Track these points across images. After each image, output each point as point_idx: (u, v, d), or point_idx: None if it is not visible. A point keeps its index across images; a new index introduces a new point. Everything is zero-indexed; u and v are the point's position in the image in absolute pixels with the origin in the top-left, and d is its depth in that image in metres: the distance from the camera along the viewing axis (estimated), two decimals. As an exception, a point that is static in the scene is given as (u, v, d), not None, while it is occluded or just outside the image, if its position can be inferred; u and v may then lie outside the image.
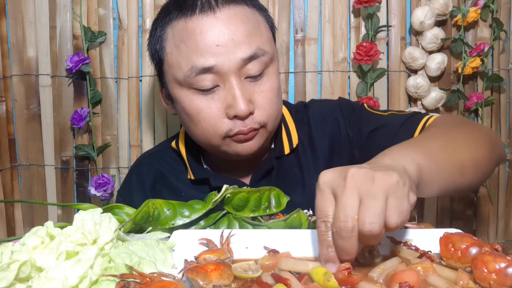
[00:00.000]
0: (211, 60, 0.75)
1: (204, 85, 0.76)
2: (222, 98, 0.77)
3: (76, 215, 0.49)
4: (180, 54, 0.77)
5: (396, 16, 1.28)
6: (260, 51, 0.77)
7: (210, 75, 0.75)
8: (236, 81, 0.76)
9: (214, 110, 0.77)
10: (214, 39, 0.75)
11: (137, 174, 0.98)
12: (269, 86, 0.79)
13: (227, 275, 0.46)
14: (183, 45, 0.76)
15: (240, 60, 0.75)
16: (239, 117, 0.76)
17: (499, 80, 1.28)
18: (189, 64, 0.76)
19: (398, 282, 0.44)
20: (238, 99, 0.75)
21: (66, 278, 0.42)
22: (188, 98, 0.79)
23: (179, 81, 0.78)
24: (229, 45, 0.75)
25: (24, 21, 1.25)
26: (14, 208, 1.33)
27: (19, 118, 1.29)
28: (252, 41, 0.77)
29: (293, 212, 0.64)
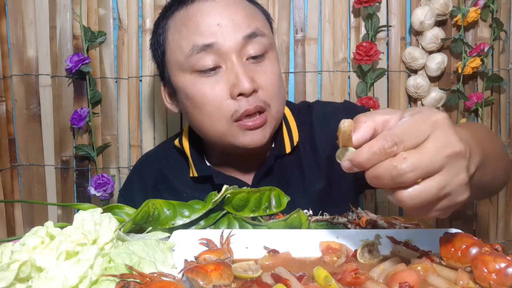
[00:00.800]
0: (211, 38, 0.76)
1: (205, 64, 0.76)
2: (225, 79, 0.77)
3: (76, 215, 0.49)
4: (181, 37, 0.79)
5: (396, 16, 1.28)
6: (259, 31, 0.79)
7: (211, 56, 0.76)
8: (237, 60, 0.77)
9: (217, 92, 0.77)
10: (215, 19, 0.77)
11: (139, 175, 0.98)
12: (271, 69, 0.80)
13: (227, 275, 0.46)
14: (184, 29, 0.79)
15: (241, 38, 0.77)
16: (244, 95, 0.76)
17: (499, 80, 1.28)
18: (190, 44, 0.77)
19: (398, 282, 0.44)
20: (241, 77, 0.75)
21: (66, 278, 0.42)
22: (191, 82, 0.79)
23: (181, 64, 0.79)
24: (229, 25, 0.77)
25: (24, 21, 1.25)
26: (14, 208, 1.33)
27: (19, 118, 1.29)
28: (251, 22, 0.79)
29: (293, 212, 0.64)
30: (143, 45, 1.27)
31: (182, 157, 0.94)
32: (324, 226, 0.67)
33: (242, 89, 0.75)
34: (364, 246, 0.55)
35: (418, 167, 0.42)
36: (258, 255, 0.55)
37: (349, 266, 0.48)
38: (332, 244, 0.57)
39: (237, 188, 0.66)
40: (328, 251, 0.55)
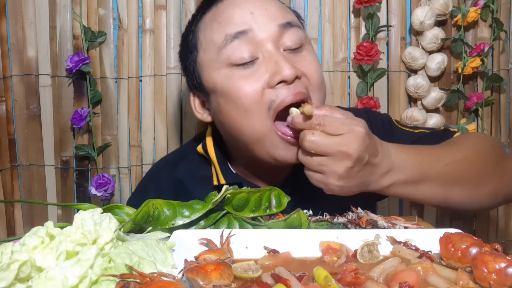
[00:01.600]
0: (245, 26, 0.72)
1: (241, 56, 0.71)
2: (263, 68, 0.71)
3: (76, 215, 0.49)
4: (213, 31, 0.75)
5: (396, 16, 1.28)
6: (295, 22, 0.76)
7: (246, 46, 0.71)
8: (275, 49, 0.72)
9: (255, 84, 0.71)
10: (247, 8, 0.73)
11: (155, 184, 0.92)
12: (313, 57, 0.76)
13: (227, 275, 0.46)
14: (215, 23, 0.75)
15: (276, 26, 0.73)
16: (286, 82, 0.70)
17: (499, 80, 1.28)
18: (222, 34, 0.73)
19: (398, 282, 0.44)
20: (282, 62, 0.70)
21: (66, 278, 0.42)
22: (226, 76, 0.73)
23: (215, 59, 0.74)
24: (263, 14, 0.73)
25: (24, 21, 1.25)
26: (14, 208, 1.33)
27: (19, 118, 1.29)
28: (286, 13, 0.76)
29: (293, 212, 0.64)
30: (143, 45, 1.27)
31: (205, 164, 0.88)
32: (324, 226, 0.67)
33: (283, 75, 0.69)
34: (364, 246, 0.55)
35: (315, 142, 0.64)
36: (258, 255, 0.55)
37: (349, 266, 0.48)
38: (332, 244, 0.57)
39: (237, 188, 0.66)
40: (328, 251, 0.55)
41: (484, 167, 0.76)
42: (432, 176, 0.71)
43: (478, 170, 0.75)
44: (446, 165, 0.72)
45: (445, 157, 0.73)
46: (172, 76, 1.27)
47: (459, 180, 0.73)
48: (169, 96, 1.28)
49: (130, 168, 1.30)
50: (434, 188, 0.71)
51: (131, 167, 1.30)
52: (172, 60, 1.27)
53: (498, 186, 0.76)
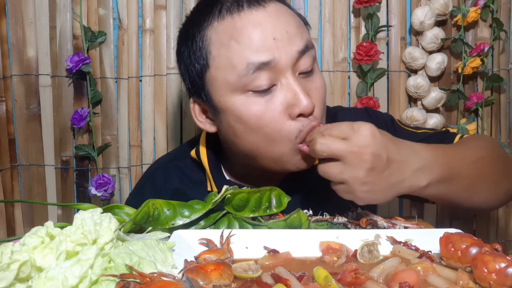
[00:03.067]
0: (268, 55, 0.69)
1: (260, 84, 0.69)
2: (280, 98, 0.70)
3: (76, 215, 0.49)
4: (231, 53, 0.70)
5: (396, 16, 1.28)
6: (310, 44, 0.74)
7: (266, 73, 0.69)
8: (293, 77, 0.71)
9: (275, 113, 0.70)
10: (269, 32, 0.69)
11: (152, 186, 0.91)
12: (321, 83, 0.76)
13: (227, 275, 0.46)
14: (234, 43, 0.70)
15: (296, 53, 0.71)
16: (304, 115, 0.70)
17: (499, 80, 1.28)
18: (244, 61, 0.69)
19: (398, 282, 0.44)
20: (300, 95, 0.69)
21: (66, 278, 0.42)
22: (243, 104, 0.71)
23: (232, 84, 0.71)
24: (284, 38, 0.70)
25: (24, 21, 1.25)
26: (14, 208, 1.33)
27: (19, 118, 1.29)
28: (302, 32, 0.74)
29: (293, 212, 0.64)
30: (143, 45, 1.27)
31: (199, 168, 0.88)
32: (324, 226, 0.67)
33: (302, 109, 0.69)
34: (364, 246, 0.55)
35: (325, 144, 0.61)
36: (258, 255, 0.55)
37: (349, 266, 0.48)
38: (332, 244, 0.57)
39: (237, 188, 0.66)
40: (328, 251, 0.55)
41: (499, 166, 0.77)
42: (460, 174, 0.68)
43: (495, 169, 0.75)
44: (471, 163, 0.71)
45: (468, 156, 0.72)
46: (172, 76, 1.27)
47: (482, 178, 0.72)
48: (169, 96, 1.28)
49: (130, 168, 1.30)
50: (463, 186, 0.69)
51: (131, 167, 1.30)
52: (172, 60, 1.27)
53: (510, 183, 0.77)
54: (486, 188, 0.74)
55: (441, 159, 0.66)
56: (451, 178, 0.67)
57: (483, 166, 0.73)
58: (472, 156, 0.73)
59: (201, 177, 0.88)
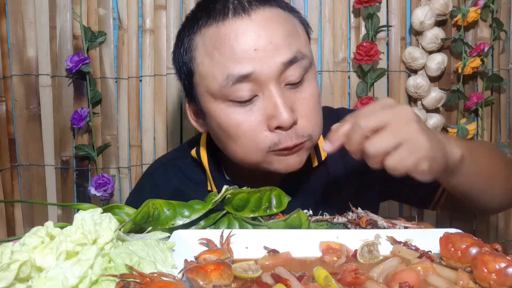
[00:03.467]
0: (248, 67, 0.68)
1: (241, 95, 0.69)
2: (261, 109, 0.70)
3: (76, 215, 0.49)
4: (213, 63, 0.70)
5: (396, 16, 1.28)
6: (300, 54, 0.71)
7: (247, 84, 0.69)
8: (276, 89, 0.69)
9: (254, 123, 0.70)
10: (251, 43, 0.68)
11: (152, 186, 0.91)
12: (311, 92, 0.73)
13: (227, 275, 0.46)
14: (216, 53, 0.70)
15: (280, 64, 0.69)
16: (283, 128, 0.70)
17: (499, 80, 1.28)
18: (225, 73, 0.69)
19: (398, 282, 0.44)
20: (280, 108, 0.68)
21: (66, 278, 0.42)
22: (224, 112, 0.72)
23: (213, 93, 0.71)
24: (267, 49, 0.68)
25: (24, 21, 1.25)
26: (14, 208, 1.33)
27: (19, 118, 1.29)
28: (291, 43, 0.70)
29: (293, 212, 0.64)
30: (143, 45, 1.27)
31: (199, 168, 0.88)
32: (324, 226, 0.67)
33: (280, 122, 0.68)
34: (364, 246, 0.55)
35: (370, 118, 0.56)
36: (258, 255, 0.55)
37: (349, 266, 0.48)
38: (332, 244, 0.57)
39: (237, 188, 0.66)
40: (328, 251, 0.55)
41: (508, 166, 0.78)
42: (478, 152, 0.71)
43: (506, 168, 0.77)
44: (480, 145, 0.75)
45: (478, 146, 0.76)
46: (172, 76, 1.27)
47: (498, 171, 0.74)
48: (169, 96, 1.28)
49: (130, 168, 1.30)
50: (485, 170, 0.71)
51: (131, 167, 1.30)
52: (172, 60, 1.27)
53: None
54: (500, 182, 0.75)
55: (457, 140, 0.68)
56: (475, 159, 0.68)
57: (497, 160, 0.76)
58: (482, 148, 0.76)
59: (201, 177, 0.88)
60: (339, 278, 0.46)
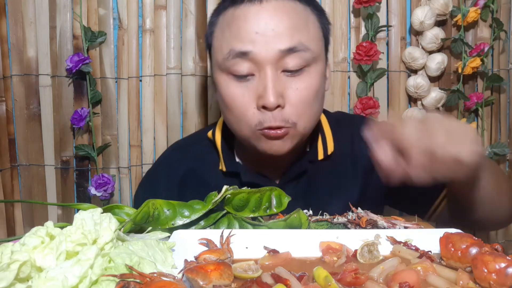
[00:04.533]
0: (248, 46, 0.75)
1: (239, 70, 0.77)
2: (254, 87, 0.77)
3: (76, 215, 0.49)
4: (223, 38, 0.79)
5: (396, 16, 1.28)
6: (301, 46, 0.76)
7: (246, 62, 0.76)
8: (271, 72, 0.75)
9: (246, 99, 0.77)
10: (255, 26, 0.75)
11: (166, 168, 0.96)
12: (306, 85, 0.78)
13: (227, 275, 0.46)
14: (227, 30, 0.79)
15: (278, 51, 0.75)
16: (267, 109, 0.75)
17: (499, 80, 1.28)
18: (229, 47, 0.77)
19: (398, 282, 0.44)
20: (268, 90, 0.74)
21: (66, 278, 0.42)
22: (225, 83, 0.80)
23: (219, 64, 0.80)
24: (268, 34, 0.75)
25: (24, 21, 1.25)
26: (14, 208, 1.33)
27: (19, 118, 1.29)
28: (294, 34, 0.76)
29: (293, 212, 0.64)
30: (143, 45, 1.27)
31: (213, 149, 0.94)
32: (324, 226, 0.67)
33: (266, 102, 0.74)
34: (364, 246, 0.55)
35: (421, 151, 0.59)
36: (258, 255, 0.55)
37: (349, 266, 0.48)
38: (332, 244, 0.57)
39: (237, 188, 0.66)
40: (328, 251, 0.55)
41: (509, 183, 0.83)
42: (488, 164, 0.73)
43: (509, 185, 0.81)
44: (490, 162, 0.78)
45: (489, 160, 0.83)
46: (172, 76, 1.27)
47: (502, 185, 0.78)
48: (169, 96, 1.28)
49: (130, 168, 1.30)
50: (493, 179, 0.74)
51: (131, 167, 1.30)
52: (172, 60, 1.27)
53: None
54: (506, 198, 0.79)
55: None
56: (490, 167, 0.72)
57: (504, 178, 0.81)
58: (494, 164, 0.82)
59: (214, 158, 0.92)
60: (339, 278, 0.46)
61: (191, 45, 1.27)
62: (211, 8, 1.26)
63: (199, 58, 1.28)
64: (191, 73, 1.28)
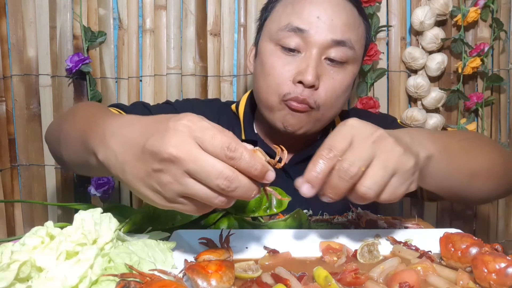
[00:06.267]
0: (305, 26, 0.81)
1: (288, 42, 0.82)
2: (297, 63, 0.82)
3: (76, 215, 0.49)
4: (284, 13, 0.85)
5: (396, 16, 1.28)
6: (349, 43, 0.83)
7: (297, 38, 0.82)
8: (316, 55, 0.81)
9: (285, 72, 0.82)
10: (318, 12, 0.82)
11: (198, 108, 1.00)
12: (341, 78, 0.84)
13: (227, 277, 0.45)
14: (290, 6, 0.85)
15: (330, 39, 0.81)
16: (303, 85, 0.81)
17: (499, 80, 1.28)
18: (287, 20, 0.83)
19: (398, 282, 0.44)
20: (310, 69, 0.80)
21: (66, 278, 0.42)
22: (270, 52, 0.85)
23: (271, 34, 0.86)
24: (326, 22, 0.81)
25: (24, 21, 1.25)
26: (14, 208, 1.33)
27: (19, 118, 1.29)
28: (347, 31, 0.83)
29: (293, 212, 0.64)
30: (143, 45, 1.27)
31: (236, 120, 1.00)
32: (324, 226, 0.67)
33: (303, 78, 0.80)
34: (364, 246, 0.55)
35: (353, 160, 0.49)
36: (258, 255, 0.55)
37: (349, 266, 0.48)
38: (332, 244, 0.57)
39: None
40: (328, 251, 0.55)
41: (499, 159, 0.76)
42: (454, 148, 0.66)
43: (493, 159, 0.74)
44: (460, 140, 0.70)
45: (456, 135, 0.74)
46: (172, 76, 1.27)
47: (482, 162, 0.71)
48: (169, 96, 1.28)
49: (130, 168, 1.30)
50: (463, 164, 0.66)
51: (131, 167, 1.30)
52: (172, 60, 1.27)
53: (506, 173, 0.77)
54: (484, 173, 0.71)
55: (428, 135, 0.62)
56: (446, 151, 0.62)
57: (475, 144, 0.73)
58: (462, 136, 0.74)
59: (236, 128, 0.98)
60: (339, 278, 0.46)
61: (191, 45, 1.27)
62: (211, 8, 1.26)
63: (199, 58, 1.28)
64: (191, 73, 1.28)
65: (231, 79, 1.29)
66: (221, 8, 1.27)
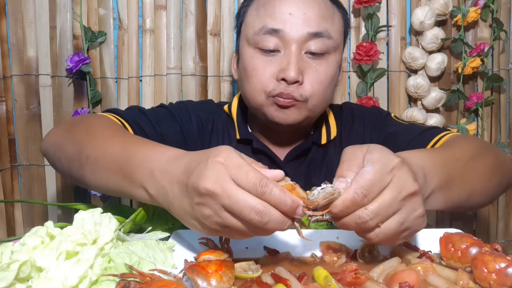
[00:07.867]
0: (280, 25, 0.82)
1: (267, 45, 0.83)
2: (278, 62, 0.83)
3: (76, 215, 0.49)
4: (257, 16, 0.86)
5: (396, 16, 1.28)
6: (326, 33, 0.83)
7: (274, 38, 0.83)
8: (296, 51, 0.82)
9: (267, 71, 0.83)
10: (289, 8, 0.83)
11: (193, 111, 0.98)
12: (325, 69, 0.84)
13: (227, 278, 0.45)
14: (262, 9, 0.86)
15: (306, 33, 0.82)
16: (286, 82, 0.81)
17: (499, 80, 1.28)
18: (262, 24, 0.84)
19: (398, 282, 0.44)
20: (291, 66, 0.81)
21: (66, 278, 0.42)
22: (250, 55, 0.86)
23: (248, 38, 0.87)
24: (300, 17, 0.82)
25: (24, 21, 1.25)
26: (14, 208, 1.33)
27: (19, 118, 1.29)
28: (321, 22, 0.83)
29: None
30: (143, 45, 1.27)
31: (230, 121, 1.00)
32: (324, 226, 0.67)
33: (286, 75, 0.80)
34: (364, 246, 0.55)
35: (377, 214, 0.49)
36: (258, 255, 0.55)
37: (349, 266, 0.48)
38: (332, 244, 0.57)
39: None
40: (328, 251, 0.55)
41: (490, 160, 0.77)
42: (457, 176, 0.66)
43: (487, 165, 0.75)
44: (465, 163, 0.70)
45: (462, 156, 0.72)
46: (172, 76, 1.27)
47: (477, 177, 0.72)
48: (169, 96, 1.28)
49: (130, 168, 1.30)
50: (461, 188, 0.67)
51: (131, 167, 1.30)
52: (172, 60, 1.27)
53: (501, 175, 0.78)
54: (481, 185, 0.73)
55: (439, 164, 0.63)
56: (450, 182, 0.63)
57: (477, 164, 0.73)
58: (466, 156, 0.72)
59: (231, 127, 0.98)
60: (339, 278, 0.46)
61: (191, 45, 1.27)
62: (211, 8, 1.26)
63: (199, 58, 1.28)
64: (191, 73, 1.28)
65: (231, 79, 1.29)
66: (221, 8, 1.27)
